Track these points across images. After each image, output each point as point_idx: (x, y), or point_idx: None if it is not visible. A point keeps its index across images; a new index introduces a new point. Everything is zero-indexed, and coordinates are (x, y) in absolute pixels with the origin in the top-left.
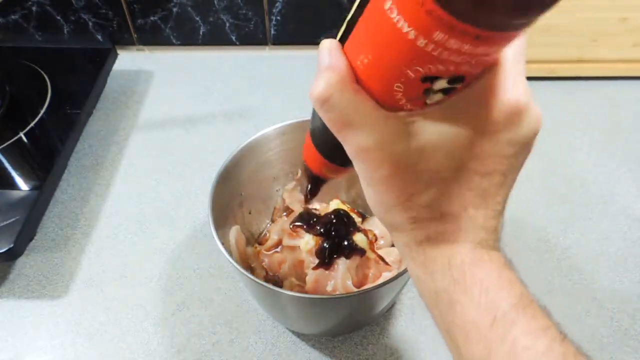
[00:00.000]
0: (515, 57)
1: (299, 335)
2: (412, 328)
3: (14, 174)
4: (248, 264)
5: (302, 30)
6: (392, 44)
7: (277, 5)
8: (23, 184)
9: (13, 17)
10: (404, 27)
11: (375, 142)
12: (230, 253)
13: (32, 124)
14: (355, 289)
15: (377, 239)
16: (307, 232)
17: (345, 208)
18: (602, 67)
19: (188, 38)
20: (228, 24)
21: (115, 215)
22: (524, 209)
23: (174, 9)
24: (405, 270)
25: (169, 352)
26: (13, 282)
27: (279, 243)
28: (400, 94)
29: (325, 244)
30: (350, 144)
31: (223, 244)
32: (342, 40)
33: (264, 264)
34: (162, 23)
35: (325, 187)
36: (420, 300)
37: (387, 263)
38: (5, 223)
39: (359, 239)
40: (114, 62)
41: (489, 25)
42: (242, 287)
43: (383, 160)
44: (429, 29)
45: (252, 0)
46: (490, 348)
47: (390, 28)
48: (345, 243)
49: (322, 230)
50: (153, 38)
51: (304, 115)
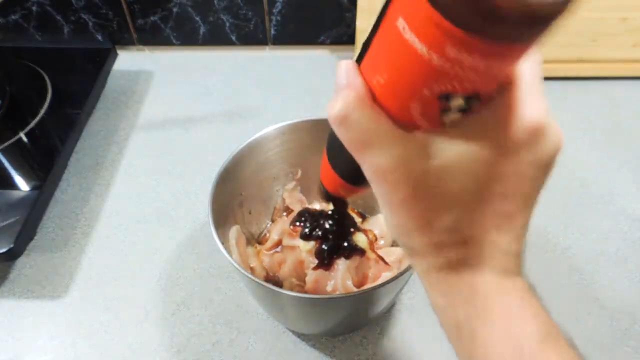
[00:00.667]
0: (533, 75)
1: (299, 335)
2: (412, 328)
3: (14, 174)
4: (248, 264)
5: (302, 30)
6: (406, 62)
7: (277, 5)
8: (23, 184)
9: (13, 17)
10: (416, 44)
11: (394, 162)
12: (230, 253)
13: (32, 124)
14: (355, 289)
15: (377, 239)
16: (303, 239)
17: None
18: (602, 67)
19: (188, 38)
20: (228, 24)
21: (115, 215)
22: None
23: (174, 9)
24: (405, 271)
25: (169, 352)
26: (13, 282)
27: (279, 243)
28: (417, 113)
29: (324, 246)
30: (369, 165)
31: (223, 244)
32: (358, 61)
33: (264, 264)
34: (162, 23)
35: None
36: (420, 300)
37: (387, 263)
38: (5, 223)
39: (359, 239)
40: (114, 62)
41: (499, 37)
42: (242, 287)
43: (402, 182)
44: (440, 44)
45: (252, 0)
46: None
47: (403, 46)
48: (345, 244)
49: (319, 234)
50: (153, 38)
51: (304, 115)
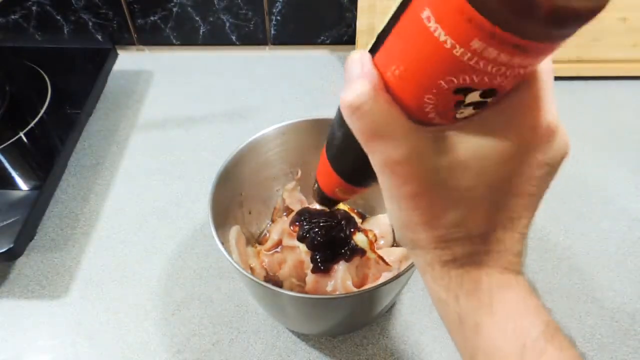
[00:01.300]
0: (548, 77)
1: (299, 335)
2: (412, 328)
3: (14, 174)
4: (248, 264)
5: (302, 30)
6: (426, 53)
7: (277, 5)
8: (23, 184)
9: (13, 17)
10: (441, 35)
11: (405, 155)
12: (230, 253)
13: (32, 124)
14: (355, 289)
15: (377, 239)
16: (300, 241)
17: (346, 208)
18: (602, 67)
19: (188, 38)
20: (228, 24)
21: (115, 215)
22: None
23: (174, 9)
24: (405, 271)
25: (169, 352)
26: (13, 282)
27: (279, 243)
28: (431, 107)
29: (317, 256)
30: (378, 156)
31: (223, 244)
32: (372, 53)
33: (264, 264)
34: (162, 23)
35: None
36: (420, 300)
37: (387, 263)
38: (5, 223)
39: (359, 239)
40: (114, 62)
41: (530, 35)
42: (242, 287)
43: (411, 176)
44: (468, 37)
45: (252, 0)
46: None
47: (426, 36)
48: (344, 250)
49: (314, 243)
50: (153, 38)
51: (304, 115)
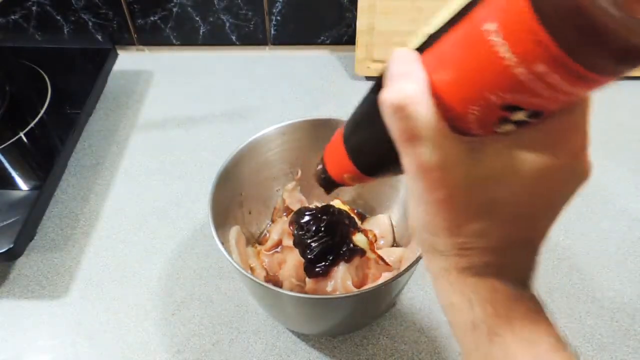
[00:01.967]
0: (591, 102)
1: (299, 335)
2: (412, 328)
3: (14, 174)
4: (248, 264)
5: (302, 30)
6: (483, 66)
7: (277, 5)
8: (23, 184)
9: (13, 17)
10: (505, 52)
11: (440, 162)
12: (230, 253)
13: (32, 124)
14: (355, 289)
15: (377, 239)
16: (295, 246)
17: (346, 208)
18: None
19: (188, 38)
20: (228, 24)
21: (115, 215)
22: None
23: (174, 9)
24: (405, 271)
25: (169, 352)
26: (13, 282)
27: (279, 243)
28: (474, 117)
29: (310, 263)
30: (412, 159)
31: (223, 244)
32: (419, 52)
33: (264, 264)
34: (162, 23)
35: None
36: (420, 300)
37: (387, 263)
38: (5, 223)
39: (359, 239)
40: (114, 62)
41: (600, 69)
42: (242, 287)
43: (442, 182)
44: (534, 60)
45: (252, 0)
46: None
47: (486, 50)
48: (343, 251)
49: (309, 254)
50: (153, 38)
51: (304, 115)
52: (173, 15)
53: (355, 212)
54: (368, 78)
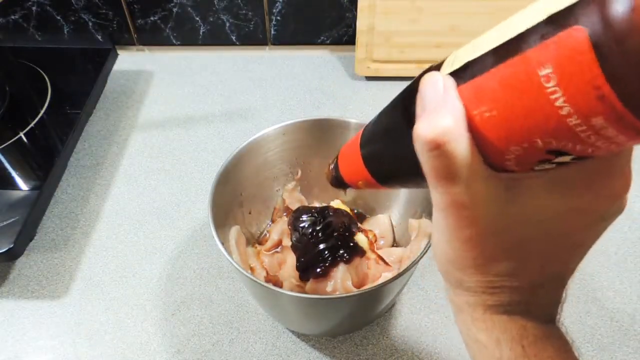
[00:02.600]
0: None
1: (299, 335)
2: (412, 328)
3: (14, 174)
4: (248, 264)
5: (302, 30)
6: (533, 111)
7: (277, 5)
8: (23, 184)
9: (13, 17)
10: (560, 101)
11: (472, 200)
12: (230, 253)
13: (32, 124)
14: (355, 289)
15: (377, 239)
16: (293, 250)
17: (346, 208)
18: None
19: (188, 38)
20: (228, 24)
21: (115, 215)
22: None
23: (174, 9)
24: (405, 271)
25: (169, 352)
26: (13, 282)
27: (279, 243)
28: (514, 157)
29: (304, 265)
30: (444, 196)
31: (223, 244)
32: (453, 77)
33: (264, 264)
34: (162, 23)
35: (326, 188)
36: (420, 301)
37: (387, 263)
38: (5, 223)
39: (359, 239)
40: (114, 62)
41: None
42: (242, 287)
43: (474, 220)
44: (591, 113)
45: (252, 0)
46: None
47: (540, 96)
48: (341, 252)
49: (297, 264)
50: (153, 38)
51: (304, 115)
52: (173, 15)
53: (354, 213)
54: (368, 78)
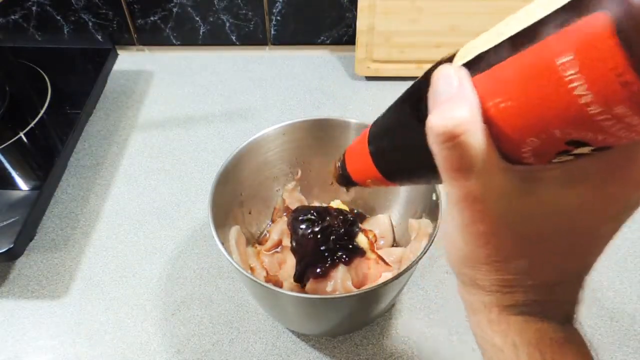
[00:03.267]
0: None
1: (299, 335)
2: (412, 328)
3: (14, 174)
4: (248, 264)
5: (302, 30)
6: (552, 101)
7: (277, 5)
8: (23, 184)
9: (13, 17)
10: (580, 89)
11: (487, 194)
12: (230, 253)
13: (32, 124)
14: (355, 289)
15: (377, 239)
16: (292, 253)
17: (346, 208)
18: None
19: (188, 38)
20: (228, 24)
21: (115, 215)
22: None
23: (174, 9)
24: (405, 271)
25: (169, 352)
26: (13, 282)
27: (279, 243)
28: (530, 149)
29: (302, 268)
30: (458, 190)
31: (223, 244)
32: (467, 69)
33: (264, 264)
34: (162, 23)
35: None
36: (420, 301)
37: (387, 263)
38: (5, 223)
39: (359, 239)
40: (114, 62)
41: None
42: (242, 287)
43: (488, 215)
44: (615, 101)
45: (252, 0)
46: None
47: (558, 84)
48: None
49: (300, 272)
50: (153, 38)
51: (304, 115)
52: (173, 15)
53: (355, 212)
54: (368, 78)
